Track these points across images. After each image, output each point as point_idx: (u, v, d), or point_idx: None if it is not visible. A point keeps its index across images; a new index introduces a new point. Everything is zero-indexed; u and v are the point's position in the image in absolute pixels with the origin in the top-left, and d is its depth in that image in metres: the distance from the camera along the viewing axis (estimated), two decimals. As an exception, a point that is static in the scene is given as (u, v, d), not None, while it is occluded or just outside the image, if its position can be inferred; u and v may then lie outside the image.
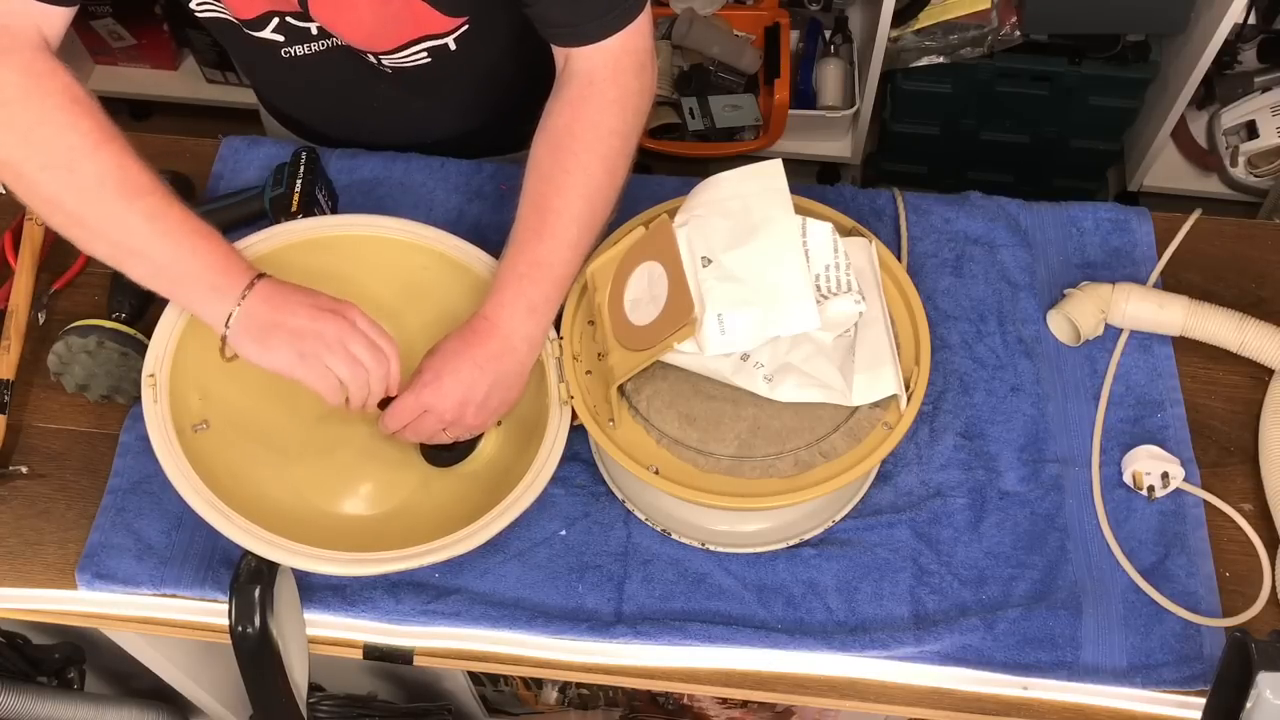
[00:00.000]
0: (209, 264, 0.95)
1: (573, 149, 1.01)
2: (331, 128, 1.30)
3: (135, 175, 0.93)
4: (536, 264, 1.01)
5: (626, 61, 1.02)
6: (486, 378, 1.00)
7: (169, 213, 0.94)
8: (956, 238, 1.23)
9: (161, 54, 2.48)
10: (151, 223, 0.93)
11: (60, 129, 0.92)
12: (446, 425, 1.01)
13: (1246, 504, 1.08)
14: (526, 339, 1.01)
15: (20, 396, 1.13)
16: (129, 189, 0.93)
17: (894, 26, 2.12)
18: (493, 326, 1.00)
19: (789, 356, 0.96)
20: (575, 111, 1.02)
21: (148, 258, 0.95)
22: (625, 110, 1.03)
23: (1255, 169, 2.26)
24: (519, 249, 1.01)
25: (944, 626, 1.01)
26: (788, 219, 0.97)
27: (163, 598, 1.04)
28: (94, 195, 0.92)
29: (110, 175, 0.92)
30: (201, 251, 0.95)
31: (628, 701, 1.59)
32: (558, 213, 1.01)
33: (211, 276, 0.95)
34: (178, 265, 0.95)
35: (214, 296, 0.95)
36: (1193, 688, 0.99)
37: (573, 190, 1.01)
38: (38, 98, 0.92)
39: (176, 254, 0.94)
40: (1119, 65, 2.14)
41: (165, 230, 0.94)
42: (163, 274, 0.96)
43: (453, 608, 1.02)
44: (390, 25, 1.06)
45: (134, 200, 0.93)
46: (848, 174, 2.48)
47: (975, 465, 1.09)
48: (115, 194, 0.92)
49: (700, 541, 1.05)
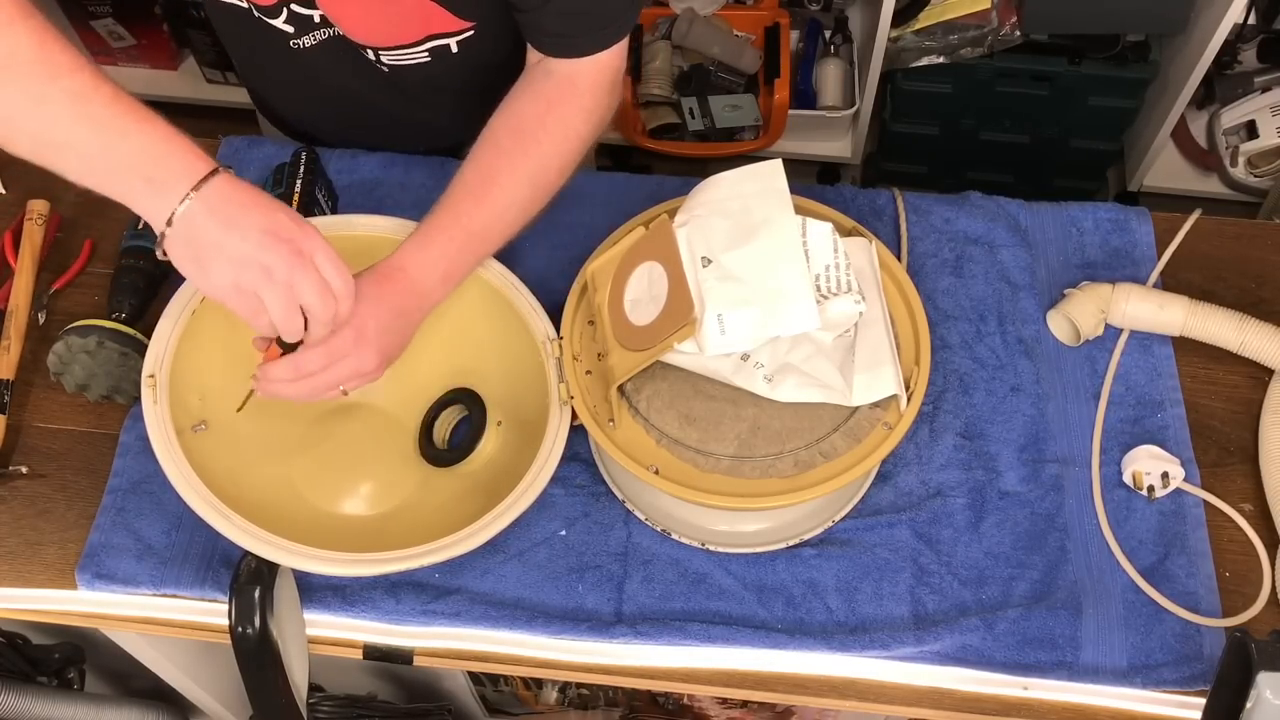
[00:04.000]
0: (143, 149, 0.82)
1: (538, 137, 1.00)
2: (331, 129, 1.30)
3: (57, 53, 0.80)
4: (470, 233, 0.98)
5: (605, 77, 1.03)
6: (401, 330, 0.96)
7: (97, 92, 0.81)
8: (956, 238, 1.23)
9: (161, 54, 2.48)
10: (75, 104, 0.80)
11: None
12: (350, 379, 0.94)
13: (1246, 504, 1.08)
14: (432, 303, 0.98)
15: (20, 396, 1.13)
16: (49, 67, 0.80)
17: (894, 26, 2.12)
18: (410, 281, 0.95)
19: (789, 356, 0.96)
20: (551, 106, 1.01)
21: (73, 148, 0.81)
22: (592, 121, 1.03)
23: (1255, 169, 2.26)
24: (453, 211, 0.98)
25: (944, 626, 1.01)
26: (788, 219, 0.97)
27: (163, 598, 1.04)
28: (6, 75, 0.79)
29: (25, 53, 0.79)
30: (133, 134, 0.82)
31: (628, 701, 1.59)
32: (503, 188, 0.99)
33: (146, 166, 0.82)
34: (107, 154, 0.81)
35: (149, 190, 0.83)
36: (1193, 688, 0.99)
37: (524, 173, 1.00)
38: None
39: (105, 140, 0.81)
40: (1119, 65, 2.14)
41: (90, 113, 0.80)
42: (94, 167, 0.82)
43: (453, 608, 1.02)
44: (398, 22, 1.05)
45: (54, 80, 0.80)
46: (848, 174, 2.48)
47: (975, 465, 1.09)
48: (30, 73, 0.79)
49: (700, 541, 1.05)
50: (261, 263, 0.84)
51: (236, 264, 0.84)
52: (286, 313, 0.86)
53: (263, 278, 0.84)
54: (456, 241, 0.98)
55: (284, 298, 0.85)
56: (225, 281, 0.85)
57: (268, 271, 0.84)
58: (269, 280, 0.84)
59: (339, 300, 0.88)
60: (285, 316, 0.86)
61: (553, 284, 1.12)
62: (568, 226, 1.21)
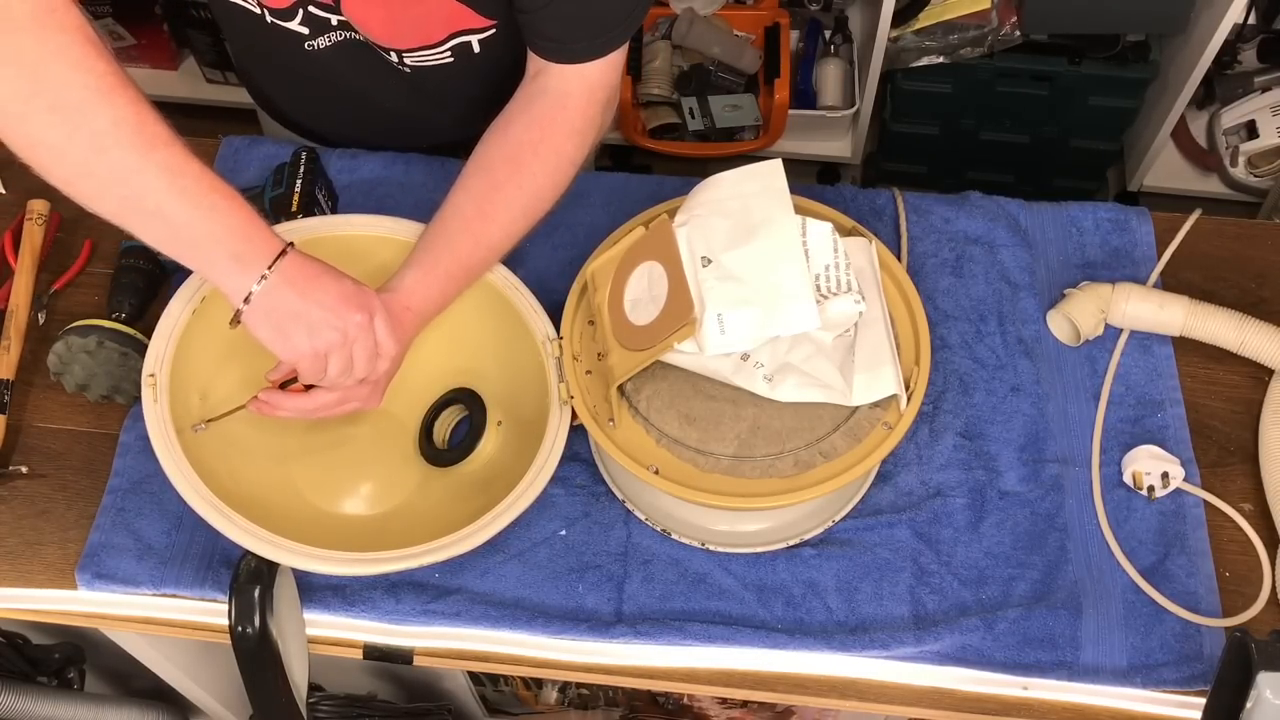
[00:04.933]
0: (231, 227, 0.87)
1: (532, 169, 1.02)
2: (336, 128, 1.30)
3: (152, 125, 0.84)
4: (467, 268, 1.03)
5: (599, 94, 1.03)
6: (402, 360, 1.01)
7: (188, 167, 0.85)
8: (956, 238, 1.23)
9: (161, 54, 2.48)
10: (169, 177, 0.84)
11: (75, 67, 0.81)
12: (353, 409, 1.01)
13: (1246, 504, 1.08)
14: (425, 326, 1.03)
15: (20, 396, 1.13)
16: (145, 139, 0.83)
17: (894, 26, 2.12)
18: (415, 316, 1.00)
19: (789, 356, 0.96)
20: (543, 131, 1.02)
21: (163, 217, 0.86)
22: (584, 143, 1.04)
23: (1255, 169, 2.26)
24: (448, 244, 1.02)
25: (944, 626, 1.01)
26: (788, 219, 0.97)
27: (163, 598, 1.04)
28: (107, 143, 0.82)
29: (126, 122, 0.82)
30: (223, 212, 0.87)
31: (628, 701, 1.59)
32: (499, 223, 1.03)
33: (234, 242, 0.88)
34: (196, 226, 0.86)
35: (235, 267, 0.88)
36: (1193, 688, 0.99)
37: (518, 206, 1.03)
38: (53, 31, 0.80)
39: (195, 213, 0.86)
40: (1119, 65, 2.14)
41: (184, 187, 0.85)
42: (179, 236, 0.87)
43: (453, 608, 1.02)
44: (422, 23, 1.05)
45: (151, 151, 0.83)
46: (848, 174, 2.48)
47: (975, 465, 1.09)
48: (131, 143, 0.83)
49: (700, 541, 1.05)
50: (336, 325, 0.92)
51: (313, 329, 0.91)
52: (341, 370, 0.94)
53: (338, 341, 0.92)
54: (455, 279, 1.03)
55: (343, 355, 0.93)
56: (305, 347, 0.91)
57: (339, 332, 0.92)
58: (340, 340, 0.92)
59: (382, 359, 0.96)
60: (338, 373, 0.94)
61: (553, 284, 1.12)
62: (568, 226, 1.21)
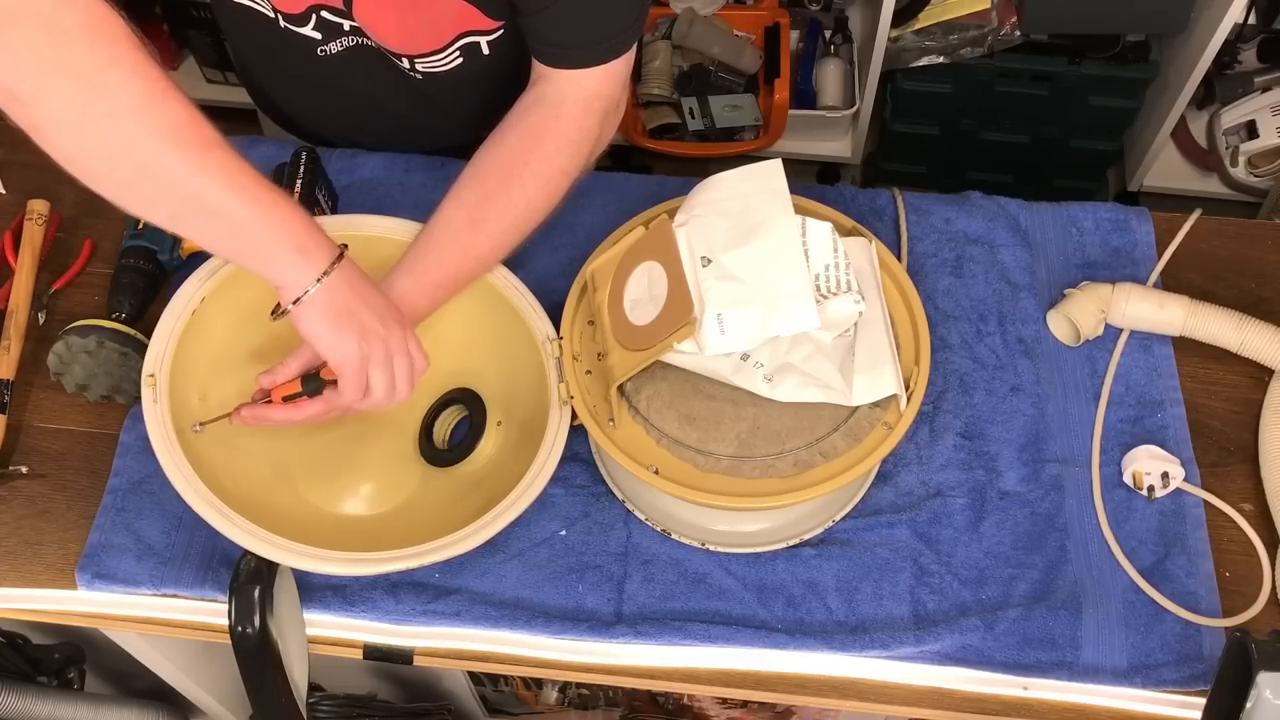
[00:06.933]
0: (294, 222, 0.89)
1: (524, 181, 1.02)
2: (342, 132, 1.30)
3: (206, 127, 0.84)
4: (455, 279, 1.03)
5: (596, 104, 1.02)
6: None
7: (243, 167, 0.86)
8: (956, 238, 1.23)
9: (161, 54, 2.48)
10: (228, 176, 0.85)
11: (129, 74, 0.81)
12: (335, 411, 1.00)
13: (1246, 504, 1.08)
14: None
15: (20, 396, 1.13)
16: (203, 140, 0.84)
17: (894, 26, 2.12)
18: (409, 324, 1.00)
19: (789, 356, 0.96)
20: (537, 142, 1.02)
21: (226, 215, 0.86)
22: (580, 155, 1.04)
23: (1255, 169, 2.26)
24: (438, 254, 1.02)
25: (944, 626, 1.01)
26: (787, 219, 0.97)
27: (163, 598, 1.04)
28: (166, 145, 0.82)
29: (183, 124, 0.83)
30: (285, 209, 0.88)
31: (628, 701, 1.59)
32: (490, 236, 1.03)
33: (300, 235, 0.89)
34: (259, 222, 0.87)
35: (299, 260, 0.89)
36: (1193, 688, 0.99)
37: (510, 218, 1.03)
38: (105, 40, 0.80)
39: (257, 209, 0.86)
40: (1119, 65, 2.14)
41: (243, 185, 0.85)
42: (242, 233, 0.87)
43: (453, 608, 1.02)
44: (432, 26, 1.05)
45: (208, 151, 0.84)
46: (848, 174, 2.48)
47: (975, 465, 1.09)
48: (191, 144, 0.83)
49: (700, 541, 1.05)
50: (383, 335, 0.93)
51: (364, 333, 0.92)
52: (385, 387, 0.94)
53: (381, 349, 0.93)
54: (444, 288, 1.03)
55: (386, 370, 0.94)
56: (354, 347, 0.92)
57: (385, 344, 0.93)
58: (384, 352, 0.93)
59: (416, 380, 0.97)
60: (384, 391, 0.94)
61: (553, 284, 1.12)
62: (568, 226, 1.21)
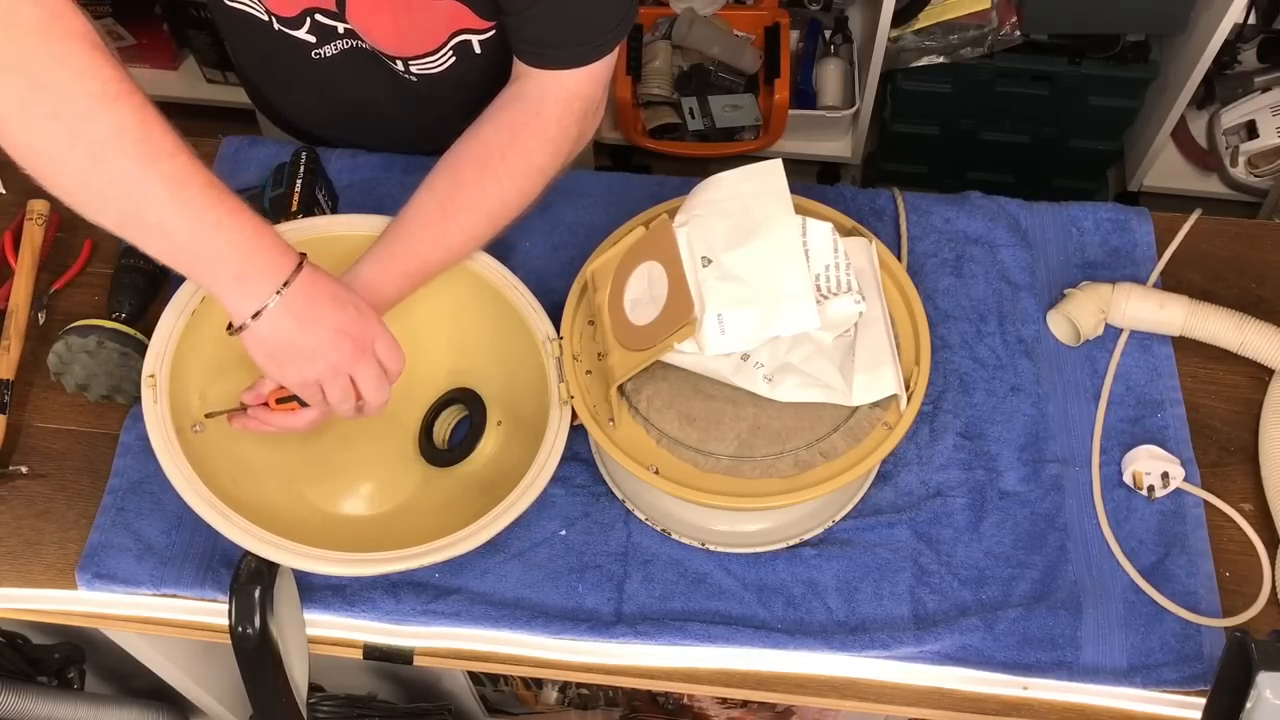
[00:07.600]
0: (236, 244, 0.84)
1: (498, 174, 1.01)
2: (339, 134, 1.29)
3: (158, 134, 0.81)
4: (424, 268, 1.01)
5: (576, 104, 1.01)
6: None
7: (193, 179, 0.82)
8: (956, 238, 1.23)
9: (161, 54, 2.48)
10: (173, 189, 0.81)
11: (78, 73, 0.78)
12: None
13: (1246, 504, 1.08)
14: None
15: (20, 396, 1.13)
16: (149, 148, 0.80)
17: (894, 26, 2.12)
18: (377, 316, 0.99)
19: (789, 356, 0.96)
20: (514, 136, 1.01)
21: (165, 230, 0.83)
22: (558, 153, 1.03)
23: (1255, 169, 2.26)
24: (407, 242, 1.01)
25: (944, 626, 1.01)
26: (788, 219, 0.97)
27: (163, 598, 1.04)
28: (109, 152, 0.79)
29: (130, 131, 0.79)
30: (229, 228, 0.84)
31: (628, 701, 1.59)
32: (462, 227, 1.02)
33: (238, 261, 0.85)
34: (199, 242, 0.83)
35: (238, 287, 0.86)
36: (1193, 688, 0.99)
37: (483, 211, 1.02)
38: (59, 37, 0.77)
39: (198, 228, 0.83)
40: (1119, 65, 2.14)
41: (188, 199, 0.82)
42: (181, 251, 0.84)
43: (453, 608, 1.02)
44: (426, 27, 1.05)
45: (153, 162, 0.80)
46: (848, 174, 2.48)
47: (975, 465, 1.09)
48: (134, 153, 0.80)
49: (700, 541, 1.05)
50: (328, 358, 0.91)
51: (307, 360, 0.91)
52: (341, 398, 0.94)
53: (326, 369, 0.91)
54: (411, 277, 1.02)
55: (341, 384, 0.93)
56: (297, 377, 0.92)
57: (332, 365, 0.91)
58: (331, 370, 0.92)
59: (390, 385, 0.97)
60: (339, 401, 0.94)
61: (553, 284, 1.12)
62: (568, 226, 1.21)
